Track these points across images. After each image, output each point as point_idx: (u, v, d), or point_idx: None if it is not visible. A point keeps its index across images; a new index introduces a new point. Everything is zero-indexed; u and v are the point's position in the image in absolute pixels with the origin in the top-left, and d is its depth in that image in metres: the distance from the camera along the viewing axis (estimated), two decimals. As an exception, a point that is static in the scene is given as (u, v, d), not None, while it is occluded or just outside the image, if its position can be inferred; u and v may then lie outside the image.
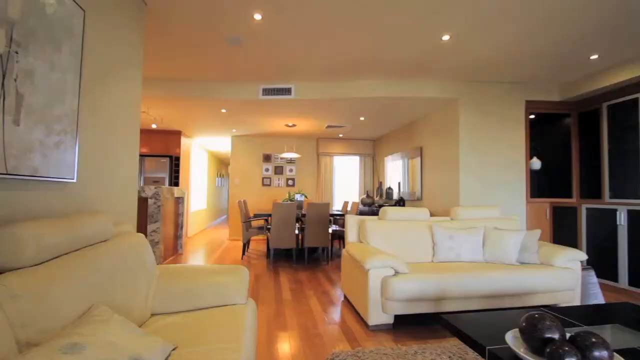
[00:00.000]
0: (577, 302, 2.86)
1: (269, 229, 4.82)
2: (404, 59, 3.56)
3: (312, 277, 4.10)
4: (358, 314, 2.82)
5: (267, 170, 7.45)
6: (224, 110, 5.08)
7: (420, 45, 3.22)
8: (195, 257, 5.31)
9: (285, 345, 2.25)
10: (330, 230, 5.37)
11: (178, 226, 5.54)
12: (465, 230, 3.13)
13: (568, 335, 1.27)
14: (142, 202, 4.28)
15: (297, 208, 5.43)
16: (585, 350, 1.16)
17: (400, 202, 5.59)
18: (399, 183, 6.07)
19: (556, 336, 1.24)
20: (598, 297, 3.07)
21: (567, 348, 1.16)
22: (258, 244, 6.64)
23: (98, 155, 1.90)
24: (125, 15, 2.21)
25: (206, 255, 5.43)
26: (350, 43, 3.20)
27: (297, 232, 5.23)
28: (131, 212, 2.38)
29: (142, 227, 4.25)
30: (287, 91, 4.34)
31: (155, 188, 4.33)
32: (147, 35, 3.05)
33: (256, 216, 5.04)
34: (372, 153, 7.65)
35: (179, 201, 5.59)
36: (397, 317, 2.71)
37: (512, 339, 1.37)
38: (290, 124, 6.04)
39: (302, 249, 5.31)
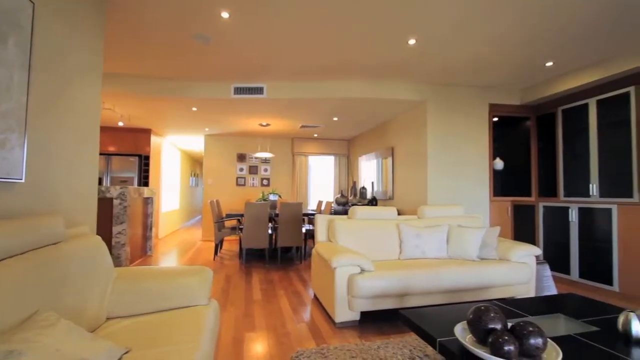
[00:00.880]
0: (532, 295, 3.04)
1: (241, 229, 4.77)
2: (373, 62, 3.64)
3: (285, 277, 4.11)
4: (326, 312, 2.86)
5: (241, 169, 7.36)
6: (194, 109, 4.98)
7: (388, 49, 3.30)
8: (166, 258, 5.17)
9: (252, 345, 2.25)
10: (304, 230, 5.39)
11: (147, 227, 5.37)
12: (430, 229, 3.25)
13: (510, 325, 1.36)
14: (107, 202, 4.12)
15: (270, 208, 5.42)
16: (522, 339, 1.25)
17: (373, 202, 5.70)
18: (372, 183, 6.19)
19: (498, 326, 1.33)
20: (551, 289, 3.28)
21: (506, 337, 1.24)
22: (231, 245, 6.56)
23: (51, 154, 1.82)
24: (83, 8, 2.12)
25: (177, 257, 5.30)
26: (319, 47, 3.23)
27: (270, 232, 5.22)
28: (90, 213, 2.29)
29: (106, 229, 4.10)
30: (259, 90, 4.32)
31: (121, 188, 4.18)
32: (112, 30, 2.94)
33: (228, 216, 4.98)
34: (346, 153, 7.74)
35: (148, 201, 5.42)
36: (363, 314, 2.77)
37: (460, 330, 1.45)
38: (264, 124, 6.01)
39: (275, 249, 5.30)
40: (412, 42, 3.14)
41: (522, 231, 4.44)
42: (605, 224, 3.47)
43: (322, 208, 5.96)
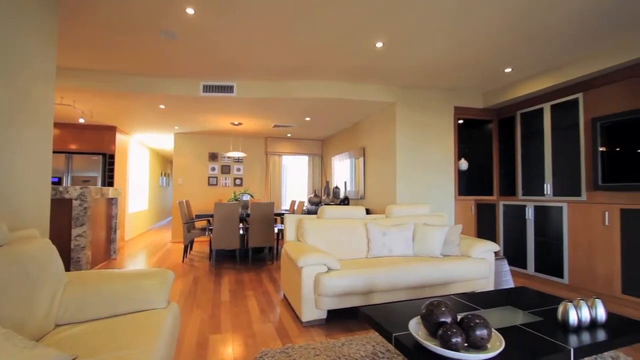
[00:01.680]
0: (491, 288, 3.20)
1: (211, 230, 4.68)
2: (343, 63, 3.69)
3: (255, 277, 4.07)
4: (294, 312, 2.87)
5: (213, 169, 7.21)
6: (162, 107, 4.82)
7: (357, 51, 3.36)
8: (132, 261, 4.98)
9: (216, 347, 2.22)
10: (276, 230, 5.37)
11: (111, 229, 5.15)
12: (397, 227, 3.34)
13: (459, 318, 1.43)
14: (65, 203, 3.91)
15: (242, 208, 5.36)
16: (469, 331, 1.32)
17: (345, 201, 5.77)
18: (345, 182, 6.26)
19: (448, 320, 1.39)
20: (509, 283, 3.47)
21: (454, 330, 1.31)
22: (202, 246, 6.41)
23: (-6, 152, 1.70)
24: (32, -1, 2.00)
25: (144, 259, 5.12)
26: (288, 47, 3.23)
27: (242, 232, 5.15)
28: (41, 215, 2.17)
29: (64, 231, 3.89)
30: (229, 89, 4.26)
31: (82, 188, 3.98)
32: (70, 22, 2.80)
33: (198, 217, 4.87)
34: (320, 153, 7.79)
35: (113, 202, 5.19)
36: (330, 312, 2.81)
37: (414, 325, 1.50)
38: (236, 123, 5.92)
39: (247, 250, 5.24)
40: (379, 45, 3.21)
41: (484, 229, 4.66)
42: (557, 221, 3.71)
43: (295, 208, 5.96)
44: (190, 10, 2.64)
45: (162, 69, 3.91)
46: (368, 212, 5.12)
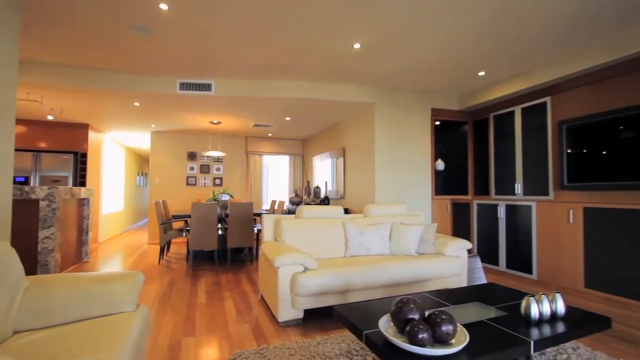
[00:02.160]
0: (464, 285, 3.29)
1: (188, 231, 4.59)
2: (322, 63, 3.70)
3: (233, 278, 4.03)
4: (271, 312, 2.86)
5: (192, 169, 7.07)
6: (137, 104, 4.68)
7: (335, 52, 3.38)
8: (105, 264, 4.81)
9: (189, 350, 2.18)
10: (256, 230, 5.33)
11: (82, 231, 4.96)
12: (374, 226, 3.38)
13: (427, 314, 1.47)
14: (32, 204, 3.73)
15: (221, 208, 5.28)
16: (435, 326, 1.36)
17: (325, 201, 5.79)
18: (326, 182, 6.28)
19: (416, 317, 1.43)
20: (482, 280, 3.58)
21: (421, 326, 1.34)
22: (180, 247, 6.28)
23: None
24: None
25: (118, 262, 4.95)
26: (266, 45, 3.21)
27: (221, 232, 5.08)
28: (2, 217, 2.06)
29: (31, 234, 3.71)
30: (207, 87, 4.18)
31: (50, 188, 3.81)
32: (36, 14, 2.67)
33: (175, 217, 4.76)
34: (301, 153, 7.78)
35: (84, 202, 5.00)
36: (307, 312, 2.82)
37: (384, 322, 1.53)
38: (215, 121, 5.82)
39: (226, 250, 5.18)
40: (357, 46, 3.24)
41: (460, 227, 4.79)
42: (526, 219, 3.87)
43: (276, 208, 5.94)
44: (164, 6, 2.58)
45: (136, 66, 3.80)
46: (348, 211, 5.16)
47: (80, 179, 6.01)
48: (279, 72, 3.98)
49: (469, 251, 4.72)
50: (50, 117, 5.41)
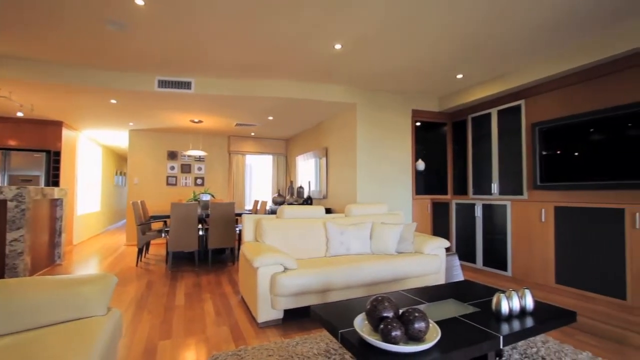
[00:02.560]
0: (442, 283, 3.37)
1: (167, 232, 4.49)
2: (303, 63, 3.70)
3: (214, 279, 3.97)
4: (251, 313, 2.84)
5: (172, 168, 6.92)
6: (114, 101, 4.54)
7: (316, 52, 3.38)
8: (80, 267, 4.64)
9: (165, 354, 2.14)
10: (237, 230, 5.27)
11: (55, 233, 4.77)
12: (355, 226, 3.41)
13: (401, 312, 1.49)
14: (-1, 205, 3.56)
15: (202, 208, 5.20)
16: (408, 324, 1.38)
17: (308, 201, 5.79)
18: (309, 182, 6.28)
19: (390, 314, 1.45)
20: (459, 277, 3.67)
21: (395, 324, 1.37)
22: (160, 249, 6.13)
23: None
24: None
25: (94, 264, 4.79)
26: (246, 45, 3.18)
27: (201, 233, 5.00)
28: (-38, 219, 1.96)
29: (-3, 236, 3.54)
30: (187, 85, 4.11)
31: (18, 188, 3.65)
32: (6, 7, 2.55)
33: (153, 218, 4.65)
34: (284, 152, 7.75)
35: (57, 203, 4.81)
36: (287, 312, 2.81)
37: (360, 321, 1.55)
38: (196, 120, 5.72)
39: (207, 251, 5.10)
40: (338, 46, 3.26)
41: (439, 226, 4.90)
42: (502, 218, 4.00)
43: (258, 208, 5.89)
44: (139, 1, 2.51)
45: (112, 62, 3.68)
46: (330, 211, 5.18)
47: (53, 179, 5.77)
48: (261, 71, 3.95)
49: (447, 249, 4.83)
50: (20, 114, 5.18)
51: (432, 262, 3.17)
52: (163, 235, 4.83)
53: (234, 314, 2.83)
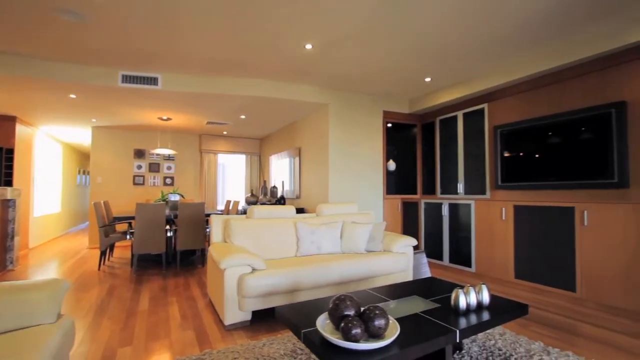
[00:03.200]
0: (410, 280, 3.46)
1: (132, 233, 4.31)
2: (275, 62, 3.67)
3: (182, 282, 3.85)
4: (218, 315, 2.78)
5: (139, 167, 6.64)
6: (73, 96, 4.29)
7: (288, 51, 3.37)
8: (35, 272, 4.35)
9: (124, 361, 2.05)
10: (208, 231, 5.15)
11: (7, 236, 4.44)
12: (326, 226, 3.43)
13: (362, 310, 1.52)
14: (-61, 207, 3.26)
15: (171, 209, 5.03)
16: (368, 322, 1.41)
17: (282, 201, 5.76)
18: (283, 182, 6.25)
19: (351, 313, 1.47)
20: (427, 274, 3.79)
21: (355, 322, 1.39)
22: (125, 251, 5.87)
23: None
24: None
25: (52, 269, 4.50)
26: (217, 41, 3.11)
27: (170, 234, 4.84)
28: None
29: (-62, 240, 3.24)
30: (153, 81, 3.95)
31: (-37, 189, 3.36)
32: None
33: (116, 219, 4.44)
34: (258, 152, 7.66)
35: (9, 204, 4.48)
36: (256, 313, 2.78)
37: (322, 320, 1.56)
38: (164, 118, 5.53)
39: (175, 253, 4.95)
40: (309, 46, 3.26)
41: (409, 225, 5.03)
42: (466, 217, 4.16)
43: (230, 208, 5.78)
44: (98, -8, 2.39)
45: (70, 54, 3.48)
46: (303, 211, 5.18)
47: (5, 178, 5.37)
48: (233, 68, 3.88)
49: (416, 248, 4.97)
50: (-34, 108, 4.77)
51: (400, 260, 3.25)
52: (128, 237, 4.62)
53: (201, 317, 2.76)
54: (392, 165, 4.99)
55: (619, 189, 2.92)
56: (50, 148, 7.20)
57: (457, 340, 1.58)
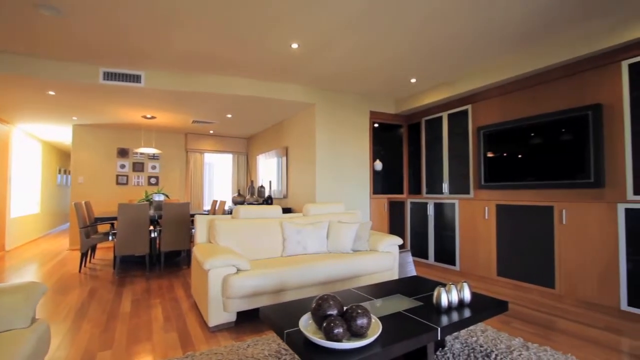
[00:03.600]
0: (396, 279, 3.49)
1: (115, 234, 4.21)
2: (262, 61, 3.64)
3: (166, 284, 3.79)
4: (202, 317, 2.74)
5: (123, 166, 6.49)
6: (52, 93, 4.16)
7: (273, 50, 3.35)
8: (11, 275, 4.20)
9: (104, 365, 2.00)
10: (192, 232, 5.07)
11: (-19, 238, 4.27)
12: (312, 225, 3.43)
13: (345, 309, 1.52)
14: None
15: (155, 209, 4.94)
16: (350, 321, 1.41)
17: (269, 201, 5.73)
18: (270, 182, 6.21)
19: (334, 312, 1.47)
20: (412, 273, 3.83)
21: (337, 322, 1.39)
22: (108, 253, 5.73)
23: None
24: None
25: (30, 271, 4.35)
26: (201, 38, 3.06)
27: (154, 235, 4.75)
28: None
29: None
30: (136, 78, 3.87)
31: None
32: None
33: (98, 220, 4.33)
34: (245, 151, 7.60)
35: (-17, 205, 4.31)
36: (240, 314, 2.76)
37: (305, 320, 1.56)
38: (148, 116, 5.42)
39: (159, 255, 4.86)
40: (295, 46, 3.25)
41: (395, 224, 5.08)
42: (451, 216, 4.23)
43: (217, 208, 5.72)
44: (76, -14, 2.32)
45: (48, 50, 3.37)
46: (290, 211, 5.16)
47: (-20, 178, 5.16)
48: (219, 67, 3.83)
49: (402, 247, 5.02)
50: (-63, 104, 4.56)
51: (386, 259, 3.28)
52: (110, 238, 4.51)
53: (185, 319, 2.72)
54: (379, 165, 5.03)
55: (595, 188, 3.02)
56: (28, 146, 6.96)
57: (439, 338, 1.60)
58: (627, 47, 2.79)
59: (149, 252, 4.34)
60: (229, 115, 5.39)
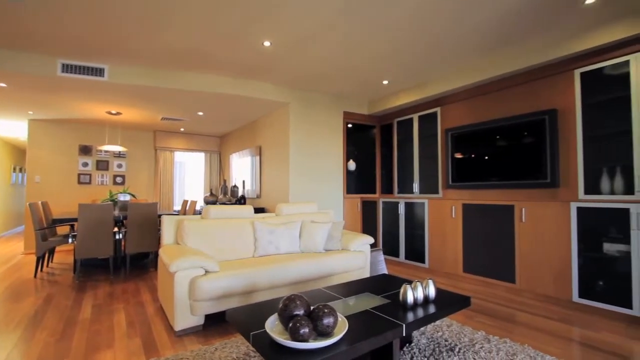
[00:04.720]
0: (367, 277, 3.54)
1: (75, 237, 3.97)
2: (234, 59, 3.57)
3: (131, 288, 3.62)
4: (168, 321, 2.65)
5: (85, 165, 6.14)
6: (3, 85, 3.86)
7: (246, 47, 3.29)
8: (-46, 282, 3.85)
9: (58, 376, 1.88)
10: (160, 233, 4.89)
11: None
12: (284, 225, 3.41)
13: (312, 309, 1.52)
14: None
15: (120, 209, 4.72)
16: (316, 320, 1.41)
17: (242, 201, 5.63)
18: (243, 181, 6.11)
19: (301, 312, 1.47)
20: (383, 271, 3.90)
21: (303, 322, 1.39)
22: (68, 256, 5.41)
23: None
24: None
25: (-26, 278, 4.02)
26: (171, 31, 2.96)
27: (119, 237, 4.54)
28: None
29: None
30: (99, 72, 3.67)
31: None
32: None
33: (55, 222, 4.07)
34: (218, 150, 7.43)
35: None
36: (209, 317, 2.70)
37: (271, 321, 1.54)
38: (113, 112, 5.16)
39: (125, 257, 4.65)
40: (267, 44, 3.21)
41: (368, 224, 5.16)
42: (421, 215, 4.36)
43: (187, 208, 5.55)
44: (29, -29, 2.16)
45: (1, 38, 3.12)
46: (264, 210, 5.10)
47: None
48: (191, 63, 3.71)
49: (374, 245, 5.11)
50: None
51: (358, 258, 3.32)
52: (70, 240, 4.26)
53: (150, 324, 2.61)
54: (352, 165, 5.08)
55: (551, 188, 3.21)
56: (-23, 142, 6.42)
57: (404, 334, 1.64)
58: (579, 57, 2.99)
59: (114, 255, 4.14)
60: (200, 113, 5.24)
